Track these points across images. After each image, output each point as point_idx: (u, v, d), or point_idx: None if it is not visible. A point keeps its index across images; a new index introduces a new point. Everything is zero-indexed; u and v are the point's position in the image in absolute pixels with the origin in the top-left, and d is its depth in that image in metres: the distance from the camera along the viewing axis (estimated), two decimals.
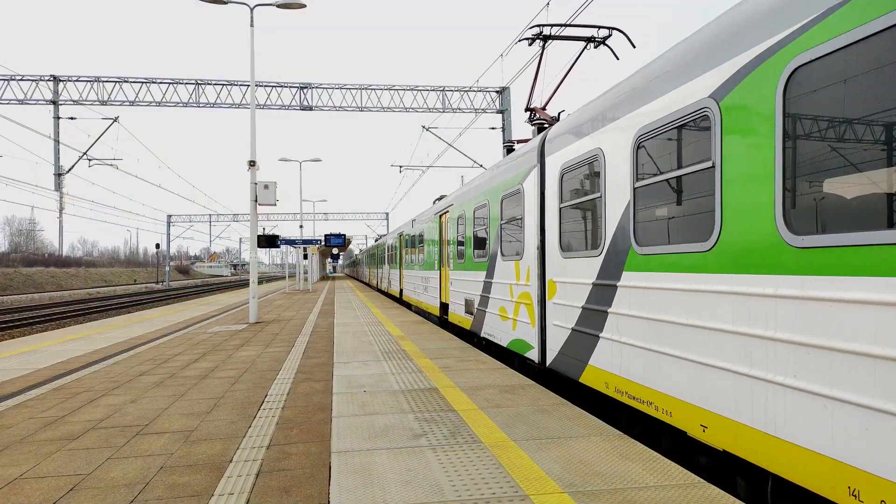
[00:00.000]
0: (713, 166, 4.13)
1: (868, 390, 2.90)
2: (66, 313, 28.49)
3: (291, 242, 33.60)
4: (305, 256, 39.06)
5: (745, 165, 3.79)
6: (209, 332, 13.26)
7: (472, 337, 11.92)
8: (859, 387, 2.94)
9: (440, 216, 14.78)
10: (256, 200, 14.88)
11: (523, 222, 8.17)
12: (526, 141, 9.74)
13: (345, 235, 38.39)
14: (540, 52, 9.84)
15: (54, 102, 30.26)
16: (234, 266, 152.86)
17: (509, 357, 9.62)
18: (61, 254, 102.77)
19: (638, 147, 5.19)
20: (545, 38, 9.57)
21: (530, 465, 4.11)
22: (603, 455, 4.30)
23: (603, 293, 5.80)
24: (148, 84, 30.10)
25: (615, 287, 5.55)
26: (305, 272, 39.86)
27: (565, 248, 6.85)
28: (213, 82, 30.54)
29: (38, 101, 29.90)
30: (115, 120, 31.60)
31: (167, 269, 69.36)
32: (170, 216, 68.18)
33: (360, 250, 79.98)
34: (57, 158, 32.22)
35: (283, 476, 4.04)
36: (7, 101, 29.43)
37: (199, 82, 30.40)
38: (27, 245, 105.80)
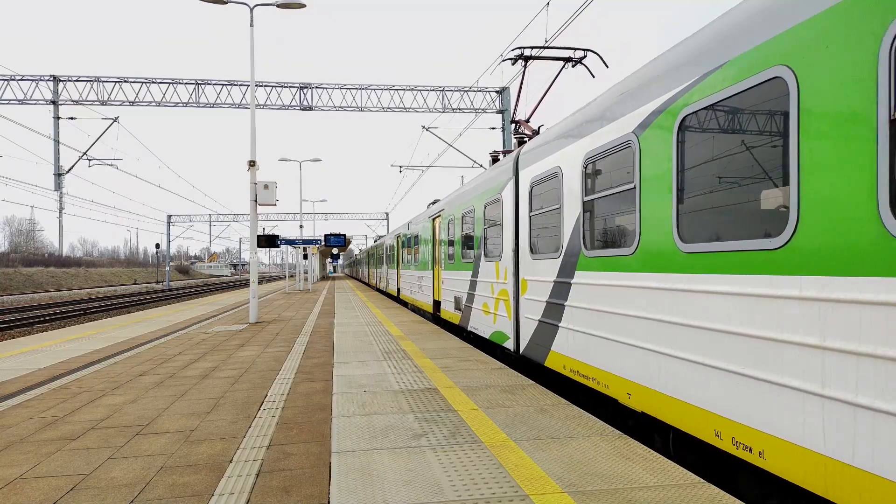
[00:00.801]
0: (635, 188, 5.17)
1: (724, 357, 3.99)
2: (66, 313, 28.49)
3: (291, 242, 33.60)
4: (305, 256, 39.05)
5: (654, 188, 4.86)
6: (209, 332, 13.26)
7: (461, 332, 12.89)
8: (719, 355, 4.04)
9: (433, 219, 15.67)
10: (256, 200, 14.89)
11: (502, 227, 9.15)
12: (509, 152, 10.79)
13: (345, 235, 38.35)
14: (522, 71, 10.83)
15: (54, 102, 30.28)
16: (234, 266, 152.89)
17: (492, 348, 10.52)
18: (61, 254, 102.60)
19: (586, 168, 6.25)
20: (526, 59, 10.50)
21: (530, 465, 4.12)
22: (603, 455, 4.30)
23: (561, 289, 6.84)
24: (148, 84, 30.10)
25: (570, 284, 6.59)
26: (305, 272, 39.86)
27: (534, 250, 7.85)
28: (213, 82, 30.55)
29: (38, 101, 29.91)
30: (115, 120, 31.62)
31: (167, 269, 69.31)
32: (170, 216, 68.12)
33: (360, 250, 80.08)
34: (57, 158, 32.24)
35: (283, 476, 4.04)
36: (7, 101, 29.44)
37: (199, 82, 30.40)
38: (27, 245, 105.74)
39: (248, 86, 16.63)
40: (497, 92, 32.33)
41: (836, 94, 3.17)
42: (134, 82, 30.06)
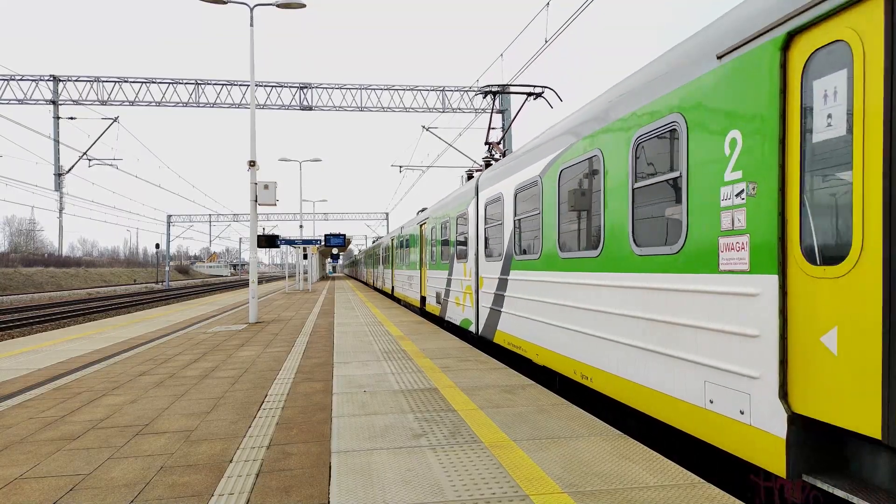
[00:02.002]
0: (539, 213, 7.63)
1: (575, 323, 6.47)
2: (66, 313, 28.48)
3: (291, 242, 33.59)
4: (305, 256, 39.04)
5: (550, 214, 7.28)
6: (209, 332, 13.26)
7: (440, 322, 15.35)
8: (572, 322, 6.54)
9: (420, 226, 18.11)
10: (256, 200, 14.88)
11: (468, 235, 11.52)
12: (482, 169, 13.62)
13: (344, 235, 38.31)
14: (492, 103, 13.92)
15: (54, 102, 30.28)
16: (234, 266, 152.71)
17: (462, 333, 13.00)
18: (61, 254, 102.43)
19: (516, 195, 8.66)
20: (494, 94, 13.23)
21: (530, 465, 4.12)
22: (603, 455, 4.30)
23: (503, 284, 9.25)
24: (148, 84, 30.10)
25: (508, 280, 9.01)
26: (305, 272, 39.85)
27: (488, 254, 10.17)
28: (213, 82, 30.54)
29: (38, 101, 29.91)
30: (115, 120, 31.62)
31: (167, 269, 69.23)
32: (170, 216, 68.03)
33: (360, 251, 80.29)
34: (57, 158, 32.24)
35: (283, 476, 4.04)
36: (7, 101, 29.44)
37: (199, 82, 30.40)
38: (27, 245, 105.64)
39: (248, 86, 16.62)
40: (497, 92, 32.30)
41: (619, 170, 5.53)
42: (134, 82, 30.06)
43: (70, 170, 32.73)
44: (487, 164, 12.62)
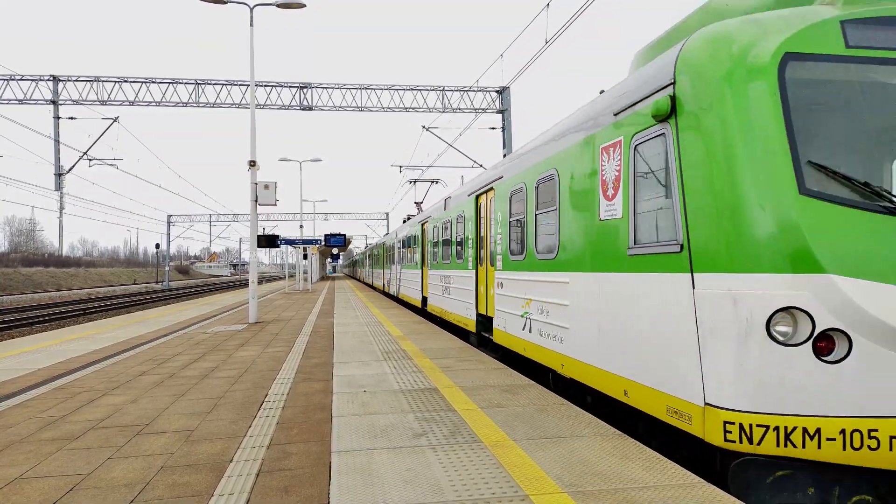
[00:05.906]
0: (410, 249, 20.42)
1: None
2: (66, 313, 28.48)
3: (291, 242, 33.60)
4: (305, 256, 39.03)
5: (416, 251, 19.06)
6: (209, 332, 13.26)
7: (394, 298, 26.23)
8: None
9: (383, 243, 30.20)
10: (256, 200, 14.88)
11: (394, 253, 24.57)
12: (414, 214, 25.04)
13: (345, 235, 38.35)
14: (414, 187, 25.85)
15: (54, 102, 30.24)
16: (234, 266, 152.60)
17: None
18: (61, 254, 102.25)
19: (404, 239, 21.96)
20: (414, 182, 25.90)
21: (530, 464, 4.12)
22: (603, 455, 4.30)
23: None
24: (148, 84, 30.07)
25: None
26: (305, 272, 39.85)
27: (399, 263, 23.20)
28: (213, 82, 30.52)
29: (38, 101, 29.87)
30: (115, 120, 31.59)
31: (167, 269, 69.15)
32: (170, 216, 67.96)
33: (358, 252, 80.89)
34: (57, 158, 32.21)
35: (283, 476, 4.04)
36: (7, 101, 29.40)
37: (199, 82, 30.38)
38: (27, 245, 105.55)
39: (248, 86, 16.62)
40: (497, 92, 32.33)
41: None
42: (134, 82, 30.04)
43: (70, 170, 32.70)
44: (409, 217, 22.08)
